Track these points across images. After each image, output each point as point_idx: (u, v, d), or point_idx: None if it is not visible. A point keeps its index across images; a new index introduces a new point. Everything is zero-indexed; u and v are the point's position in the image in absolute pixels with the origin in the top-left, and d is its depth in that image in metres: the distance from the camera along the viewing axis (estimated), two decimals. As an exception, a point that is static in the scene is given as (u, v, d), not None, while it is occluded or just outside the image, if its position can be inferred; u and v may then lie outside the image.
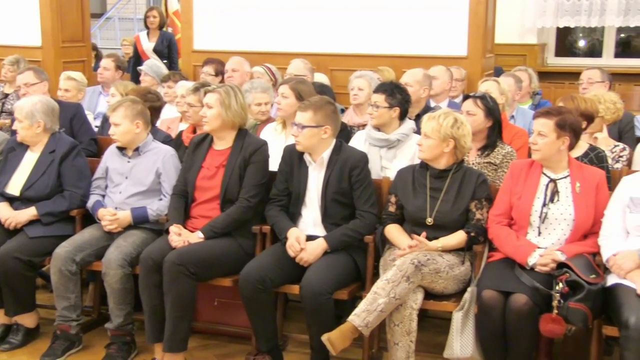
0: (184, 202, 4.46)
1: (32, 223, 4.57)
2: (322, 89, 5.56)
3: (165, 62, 8.78)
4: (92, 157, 5.10)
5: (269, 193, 4.41)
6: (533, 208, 3.94)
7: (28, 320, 4.62)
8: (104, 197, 4.68)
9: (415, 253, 3.89)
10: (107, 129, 5.04)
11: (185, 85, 5.59)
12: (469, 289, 3.91)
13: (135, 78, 7.69)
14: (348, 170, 4.21)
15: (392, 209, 4.23)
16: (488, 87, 5.37)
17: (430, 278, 3.87)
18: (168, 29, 9.71)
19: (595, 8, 9.70)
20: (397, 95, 4.69)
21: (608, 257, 3.72)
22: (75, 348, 4.51)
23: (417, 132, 4.69)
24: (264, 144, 4.46)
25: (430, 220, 4.08)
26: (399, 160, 4.64)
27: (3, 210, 4.61)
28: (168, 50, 9.10)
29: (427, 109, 5.51)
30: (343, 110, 5.80)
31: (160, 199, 4.60)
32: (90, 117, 6.11)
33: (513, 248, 3.90)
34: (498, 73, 7.10)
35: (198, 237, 4.27)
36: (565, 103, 4.56)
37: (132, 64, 8.97)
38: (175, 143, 5.06)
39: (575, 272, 3.61)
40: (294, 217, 4.32)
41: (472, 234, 4.02)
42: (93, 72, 8.45)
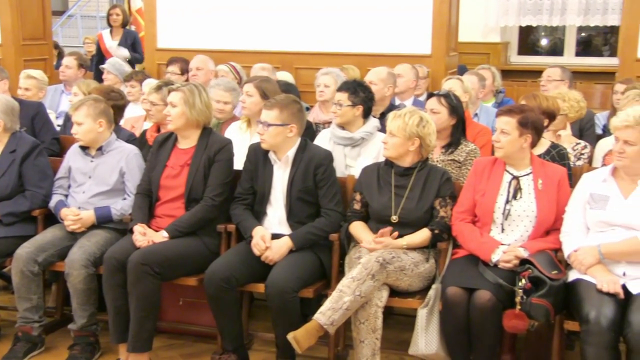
0: (148, 201, 4.44)
1: (-7, 223, 4.51)
2: (287, 88, 5.56)
3: (133, 55, 8.75)
4: (54, 156, 5.04)
5: (234, 192, 4.40)
6: (496, 205, 3.97)
7: (-11, 323, 4.57)
8: (67, 196, 4.64)
9: (381, 251, 3.91)
10: (69, 128, 5.00)
11: (152, 84, 5.55)
12: (434, 286, 3.94)
13: (98, 76, 7.62)
14: (313, 169, 4.22)
15: (357, 207, 4.25)
16: (452, 85, 5.40)
17: (395, 276, 3.89)
18: (131, 27, 9.63)
19: (557, 7, 9.86)
20: (360, 94, 4.71)
21: (569, 253, 3.77)
22: (38, 350, 4.45)
23: (381, 130, 4.71)
24: (229, 143, 4.44)
25: (395, 218, 4.10)
26: (364, 159, 4.66)
27: (-37, 211, 4.54)
28: (132, 49, 9.03)
29: (391, 107, 5.53)
30: (308, 109, 5.80)
31: (124, 199, 4.56)
32: (53, 116, 6.04)
33: (477, 245, 3.94)
34: (462, 71, 7.17)
35: (162, 236, 4.24)
36: (527, 101, 4.61)
37: (95, 63, 8.89)
38: (139, 142, 5.02)
39: (538, 268, 3.65)
40: (259, 215, 4.32)
41: (436, 232, 4.05)
42: (55, 70, 8.36)
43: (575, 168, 4.62)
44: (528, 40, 11.01)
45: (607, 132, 5.45)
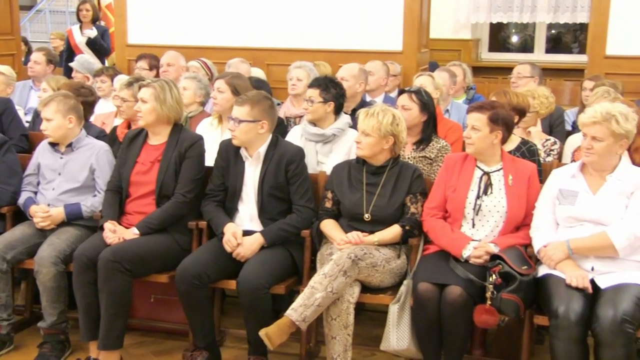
0: (119, 198, 4.40)
1: (-40, 221, 4.46)
2: (258, 84, 5.55)
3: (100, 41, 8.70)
4: (23, 153, 4.98)
5: (205, 188, 4.38)
6: (467, 201, 4.00)
7: (-43, 321, 4.50)
8: (36, 193, 4.59)
9: (353, 247, 3.91)
10: (38, 125, 4.94)
11: (123, 80, 5.51)
12: (405, 282, 3.96)
13: (68, 72, 7.55)
14: (284, 165, 4.22)
15: (328, 205, 4.25)
16: (423, 81, 5.42)
17: (367, 272, 3.90)
18: (101, 23, 9.54)
19: (527, 4, 9.95)
20: (331, 90, 4.71)
21: (539, 248, 3.80)
22: (7, 348, 4.41)
23: (352, 126, 4.72)
24: (200, 139, 4.42)
25: (368, 216, 4.11)
26: (335, 155, 4.67)
27: None
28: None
29: (363, 104, 5.54)
30: (279, 105, 5.80)
31: (95, 195, 4.53)
32: (21, 112, 5.96)
33: (448, 241, 3.96)
34: (433, 68, 7.19)
35: (133, 233, 4.22)
36: (498, 98, 4.64)
37: (64, 58, 8.80)
38: (110, 138, 4.99)
39: (508, 263, 3.68)
40: (231, 212, 4.31)
41: (407, 228, 4.07)
42: (23, 66, 8.27)
43: (545, 164, 4.66)
44: (499, 37, 11.08)
45: (576, 128, 5.52)
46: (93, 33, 8.72)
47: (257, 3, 7.60)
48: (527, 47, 10.96)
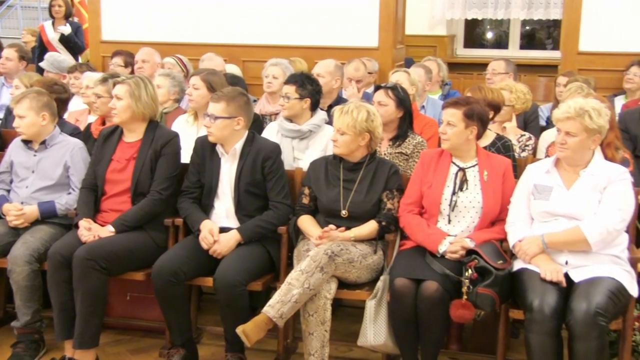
0: (94, 195, 4.37)
1: None
2: (234, 80, 5.53)
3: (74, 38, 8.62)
4: (-5, 150, 4.93)
5: (181, 185, 4.37)
6: (443, 196, 4.01)
7: None
8: (9, 191, 4.55)
9: (329, 243, 3.92)
10: (10, 122, 4.89)
11: (91, 76, 5.47)
12: (382, 278, 3.97)
13: (41, 69, 7.46)
14: (261, 162, 4.21)
15: (305, 201, 4.25)
16: (399, 77, 5.44)
17: (344, 268, 3.91)
18: (74, 19, 9.45)
19: (501, 1, 10.02)
20: (307, 86, 4.71)
21: (514, 243, 3.83)
22: (-19, 348, 4.38)
23: (329, 122, 4.72)
24: (175, 136, 4.41)
25: (345, 213, 4.11)
26: (312, 151, 4.67)
27: None
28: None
29: (339, 100, 5.54)
30: (255, 101, 5.78)
31: (69, 193, 4.49)
32: (-7, 109, 5.91)
33: (424, 236, 3.98)
34: (409, 64, 7.21)
35: (109, 230, 4.19)
36: (473, 93, 4.67)
37: (36, 55, 8.70)
38: (84, 135, 4.95)
39: (484, 258, 3.70)
40: (207, 209, 4.29)
41: (383, 224, 4.08)
42: (-6, 62, 8.15)
43: (520, 159, 4.69)
44: (474, 33, 11.13)
45: (550, 124, 5.55)
46: (67, 29, 8.62)
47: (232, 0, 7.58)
48: (501, 43, 11.03)
